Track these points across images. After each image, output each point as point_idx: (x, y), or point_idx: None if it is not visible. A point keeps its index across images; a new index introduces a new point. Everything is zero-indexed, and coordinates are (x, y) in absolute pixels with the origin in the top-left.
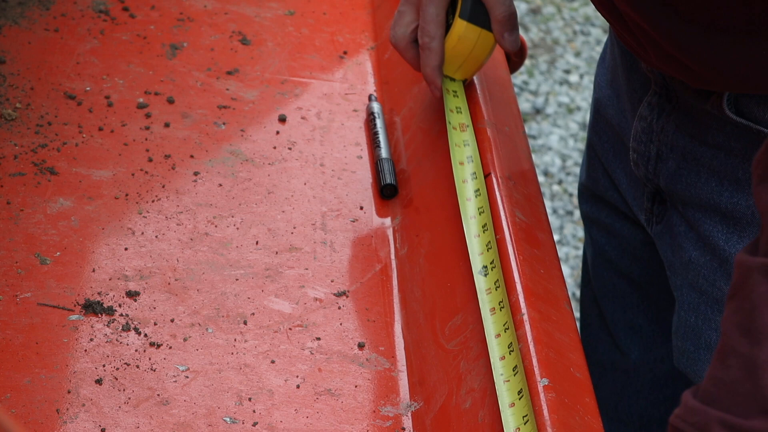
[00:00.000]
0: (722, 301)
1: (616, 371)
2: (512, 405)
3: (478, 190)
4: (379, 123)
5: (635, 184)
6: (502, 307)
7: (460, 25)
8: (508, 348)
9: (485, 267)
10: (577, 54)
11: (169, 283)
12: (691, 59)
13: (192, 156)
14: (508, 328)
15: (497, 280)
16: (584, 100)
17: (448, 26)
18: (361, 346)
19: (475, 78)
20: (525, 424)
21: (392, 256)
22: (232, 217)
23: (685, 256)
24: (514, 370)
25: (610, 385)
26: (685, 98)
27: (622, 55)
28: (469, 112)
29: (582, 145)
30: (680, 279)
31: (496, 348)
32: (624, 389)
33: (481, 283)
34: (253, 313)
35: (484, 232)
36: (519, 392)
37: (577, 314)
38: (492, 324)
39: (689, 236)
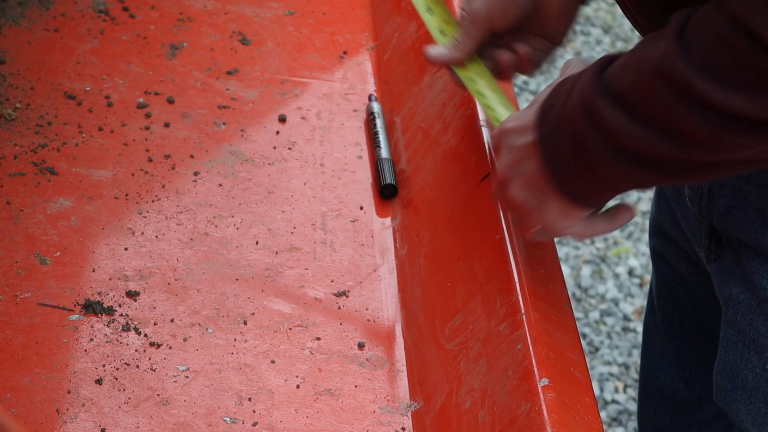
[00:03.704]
0: (758, 342)
1: (678, 402)
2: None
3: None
4: (379, 123)
5: (695, 221)
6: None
7: None
8: None
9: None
10: (577, 54)
11: (169, 283)
12: None
13: (192, 156)
14: None
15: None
16: None
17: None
18: (361, 346)
19: None
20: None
21: (392, 256)
22: (232, 217)
23: (726, 292)
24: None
25: (672, 413)
26: None
27: None
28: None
29: None
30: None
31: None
32: (686, 419)
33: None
34: (253, 313)
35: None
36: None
37: (577, 314)
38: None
39: (735, 272)
